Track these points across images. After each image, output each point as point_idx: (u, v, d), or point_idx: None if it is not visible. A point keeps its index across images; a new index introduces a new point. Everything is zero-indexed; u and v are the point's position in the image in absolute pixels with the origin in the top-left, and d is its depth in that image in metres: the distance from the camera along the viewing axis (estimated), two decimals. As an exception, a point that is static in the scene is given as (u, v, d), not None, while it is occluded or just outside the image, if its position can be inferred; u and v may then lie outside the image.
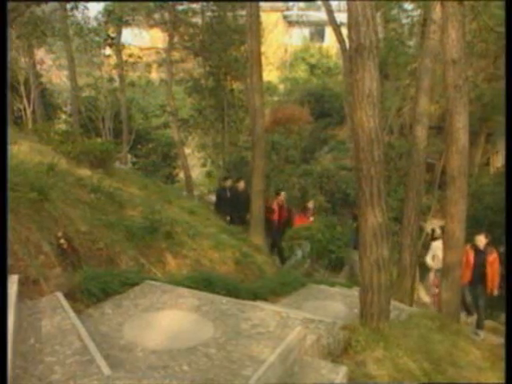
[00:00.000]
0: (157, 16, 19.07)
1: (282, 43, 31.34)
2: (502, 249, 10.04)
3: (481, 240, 8.43)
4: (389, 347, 4.32)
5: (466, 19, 7.67)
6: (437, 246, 9.68)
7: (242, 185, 11.60)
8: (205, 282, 4.70)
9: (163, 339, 3.12)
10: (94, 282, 3.72)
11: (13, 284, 3.01)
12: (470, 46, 12.79)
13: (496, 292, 8.40)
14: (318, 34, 34.06)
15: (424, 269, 11.03)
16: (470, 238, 7.96)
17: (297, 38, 33.13)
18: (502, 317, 8.52)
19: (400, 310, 6.14)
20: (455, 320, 6.24)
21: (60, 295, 3.37)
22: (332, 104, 23.22)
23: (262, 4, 10.86)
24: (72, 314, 3.11)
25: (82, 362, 2.60)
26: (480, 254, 8.28)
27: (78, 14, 16.62)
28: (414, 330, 5.14)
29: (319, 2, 20.00)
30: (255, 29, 10.12)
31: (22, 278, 3.29)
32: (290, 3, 34.32)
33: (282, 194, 11.19)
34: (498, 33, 12.56)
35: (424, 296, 11.75)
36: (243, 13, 14.76)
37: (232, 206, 11.16)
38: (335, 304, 5.87)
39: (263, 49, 12.46)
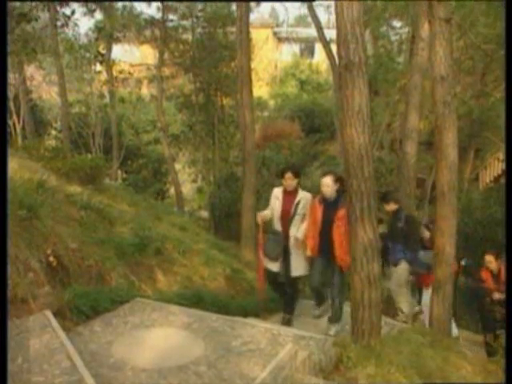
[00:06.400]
0: (147, 32, 19.20)
1: (272, 59, 31.62)
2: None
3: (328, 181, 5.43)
4: (380, 363, 4.30)
5: (453, 37, 7.77)
6: None
7: (392, 206, 7.29)
8: (195, 299, 4.68)
9: (153, 357, 3.09)
10: (84, 300, 3.69)
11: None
12: (457, 63, 12.96)
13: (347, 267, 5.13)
14: (308, 50, 34.44)
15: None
16: (459, 254, 7.69)
17: (287, 54, 33.46)
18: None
19: (391, 325, 6.12)
20: (446, 335, 6.21)
21: (49, 313, 3.33)
22: (322, 119, 23.33)
23: (251, 20, 10.96)
24: (61, 333, 3.07)
25: (71, 382, 2.56)
26: (329, 206, 5.43)
27: (69, 31, 16.73)
28: (406, 346, 5.12)
29: (309, 19, 20.18)
30: (245, 45, 10.20)
31: (10, 297, 3.25)
32: (280, 19, 34.74)
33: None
34: (485, 50, 12.76)
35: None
36: (233, 29, 14.88)
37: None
38: (326, 320, 5.83)
39: (253, 65, 12.57)
